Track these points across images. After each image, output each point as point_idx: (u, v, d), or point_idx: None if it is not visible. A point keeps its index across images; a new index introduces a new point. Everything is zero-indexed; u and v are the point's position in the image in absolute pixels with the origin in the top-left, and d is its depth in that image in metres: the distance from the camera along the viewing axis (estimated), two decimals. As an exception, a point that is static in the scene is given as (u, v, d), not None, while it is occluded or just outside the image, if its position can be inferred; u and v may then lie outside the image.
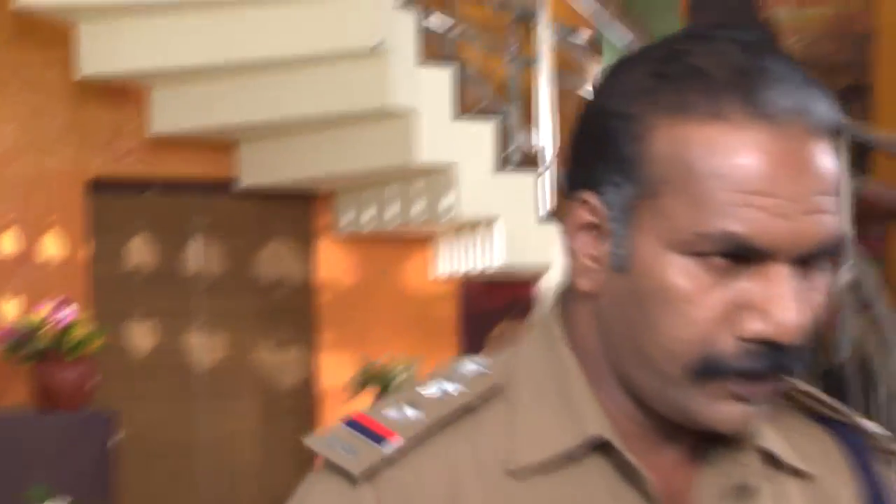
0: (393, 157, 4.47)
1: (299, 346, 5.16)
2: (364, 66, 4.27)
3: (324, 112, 4.42)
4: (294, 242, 5.16)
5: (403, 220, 4.75)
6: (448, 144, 4.43)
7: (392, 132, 4.43)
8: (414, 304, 5.23)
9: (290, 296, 5.15)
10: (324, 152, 4.65)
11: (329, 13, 4.21)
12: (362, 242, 5.16)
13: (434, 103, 4.41)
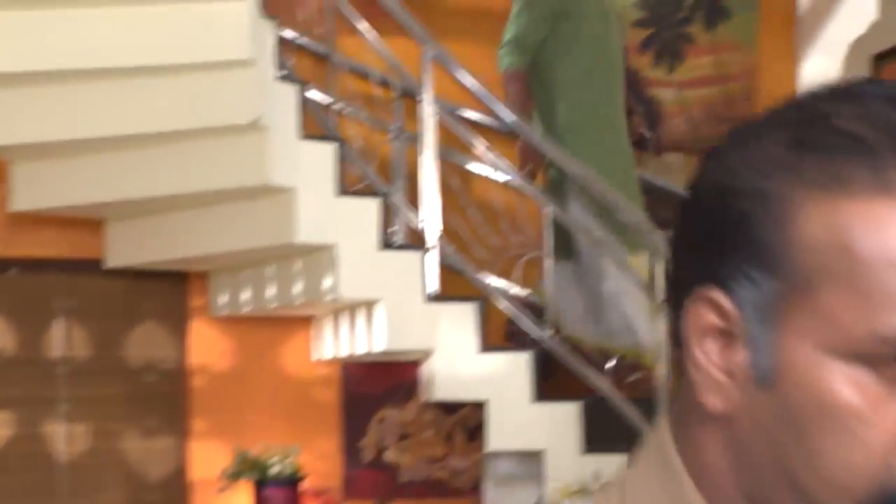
0: (272, 236, 4.36)
1: (170, 435, 4.94)
2: (242, 142, 4.15)
3: (200, 189, 4.26)
4: (165, 324, 4.97)
5: (282, 301, 4.64)
6: (329, 223, 4.35)
7: (271, 210, 4.32)
8: (293, 388, 5.08)
9: (161, 381, 4.94)
10: (199, 230, 4.49)
11: (206, 86, 4.06)
12: (239, 324, 5.00)
13: (315, 180, 4.33)
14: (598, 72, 4.67)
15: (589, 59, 4.65)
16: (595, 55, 4.66)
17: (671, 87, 5.77)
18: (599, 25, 4.67)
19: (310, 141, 4.38)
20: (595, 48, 4.66)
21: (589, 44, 4.65)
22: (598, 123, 4.69)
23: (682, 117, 5.77)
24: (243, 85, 4.06)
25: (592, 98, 4.67)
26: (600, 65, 4.67)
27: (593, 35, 4.64)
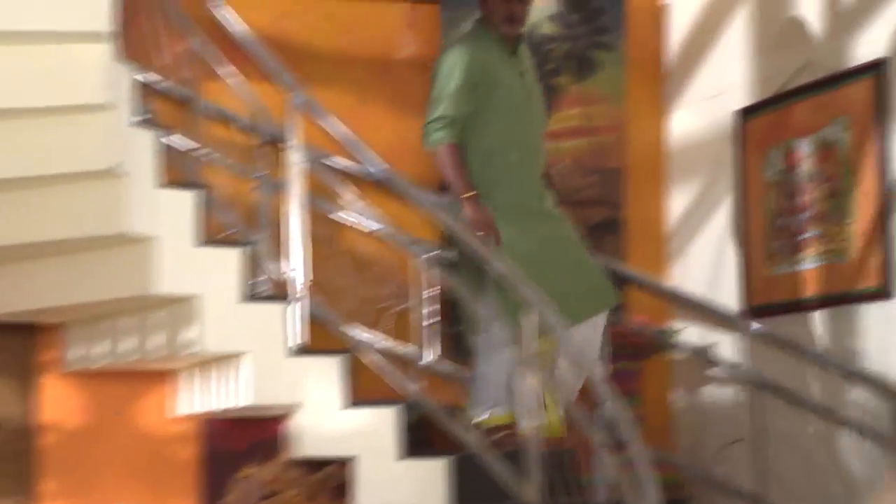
0: (130, 287, 4.25)
1: (17, 498, 4.72)
2: (99, 189, 4.02)
3: (53, 237, 4.12)
4: (12, 380, 4.77)
5: (140, 355, 4.51)
6: (191, 273, 4.25)
7: (129, 260, 4.21)
8: (150, 446, 4.92)
9: (7, 440, 4.73)
10: (52, 281, 4.34)
11: (61, 130, 3.92)
12: (93, 379, 4.84)
13: (176, 229, 4.23)
14: (524, 140, 4.57)
15: (513, 128, 4.55)
16: (519, 124, 4.56)
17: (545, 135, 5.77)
18: (520, 94, 4.57)
19: (170, 188, 4.27)
20: (518, 116, 4.57)
21: (512, 113, 4.56)
22: (527, 191, 4.58)
23: (553, 169, 5.78)
24: (100, 130, 3.93)
25: (519, 167, 4.56)
26: (525, 133, 4.58)
27: (515, 105, 4.55)
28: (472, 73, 4.48)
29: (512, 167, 4.53)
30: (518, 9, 4.56)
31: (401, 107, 5.65)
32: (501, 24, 4.54)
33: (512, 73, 4.57)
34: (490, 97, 4.51)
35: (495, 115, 4.52)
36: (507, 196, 4.52)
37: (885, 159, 4.81)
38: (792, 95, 5.28)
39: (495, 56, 4.54)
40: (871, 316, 4.87)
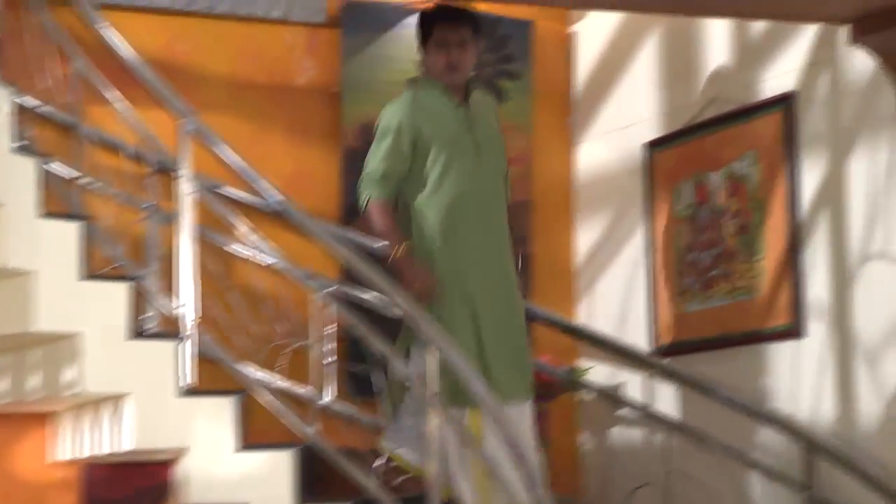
0: (6, 323, 4.15)
1: None
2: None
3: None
4: None
5: (17, 396, 4.39)
6: (73, 309, 4.16)
7: (6, 294, 4.13)
8: (26, 493, 4.78)
9: None
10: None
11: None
12: (-34, 422, 4.66)
13: (57, 262, 4.14)
14: (473, 193, 4.40)
15: (459, 182, 4.39)
16: (466, 177, 4.40)
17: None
18: (468, 146, 4.42)
19: (52, 219, 4.18)
20: (465, 170, 4.40)
21: (457, 167, 4.40)
22: (472, 259, 4.39)
23: (457, 201, 5.73)
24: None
25: (465, 233, 4.39)
26: (474, 186, 4.40)
27: (461, 158, 4.40)
28: (406, 129, 4.38)
29: (461, 221, 4.38)
30: (457, 56, 4.43)
31: (300, 135, 5.57)
32: (443, 74, 4.43)
33: (458, 124, 4.43)
34: (431, 152, 4.38)
35: (438, 169, 4.39)
36: (453, 253, 4.37)
37: (794, 194, 4.84)
38: (701, 128, 5.31)
39: (438, 108, 4.43)
40: (782, 355, 4.89)
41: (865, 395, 4.54)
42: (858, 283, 4.60)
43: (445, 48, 4.41)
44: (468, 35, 4.45)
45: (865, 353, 4.55)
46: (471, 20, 4.49)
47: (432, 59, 4.45)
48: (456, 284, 4.36)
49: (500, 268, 4.45)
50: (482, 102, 4.57)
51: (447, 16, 4.47)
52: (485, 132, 4.49)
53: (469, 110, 4.48)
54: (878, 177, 4.53)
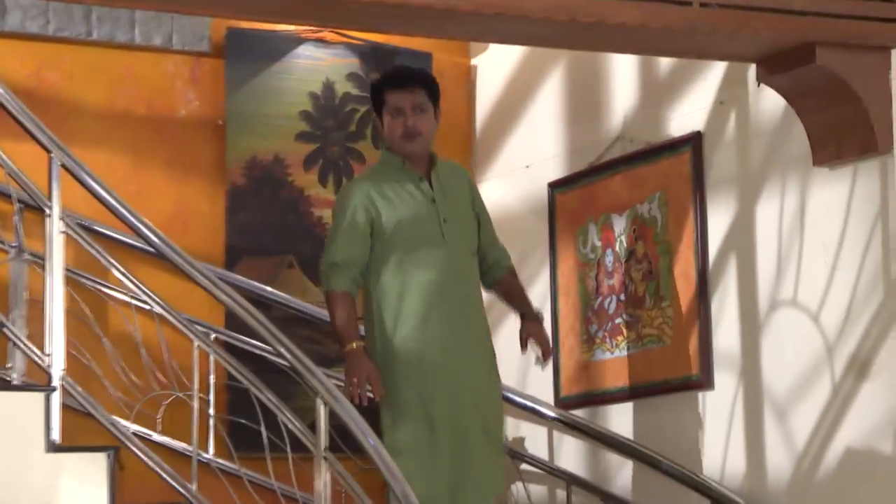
0: None
1: None
2: None
3: None
4: None
5: None
6: None
7: None
8: None
9: None
10: None
11: None
12: None
13: None
14: (431, 290, 4.27)
15: (420, 263, 4.28)
16: (429, 258, 4.28)
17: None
18: (429, 224, 4.30)
19: None
20: (427, 250, 4.29)
21: (418, 247, 4.29)
22: (433, 348, 4.26)
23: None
24: None
25: (426, 320, 4.27)
26: (434, 281, 4.27)
27: (422, 236, 4.29)
28: (361, 209, 4.27)
29: (421, 307, 4.25)
30: (414, 121, 4.30)
31: (182, 170, 5.50)
32: (402, 144, 4.31)
33: (417, 201, 4.31)
34: (386, 232, 4.28)
35: (395, 250, 4.28)
36: (411, 342, 4.25)
37: (702, 238, 4.89)
38: (606, 168, 5.35)
39: (396, 184, 4.32)
40: (690, 406, 4.91)
41: (774, 450, 4.58)
42: (767, 332, 4.65)
43: (401, 115, 4.30)
44: (423, 98, 4.33)
45: (774, 406, 4.59)
46: (424, 82, 4.38)
47: (388, 128, 4.34)
48: (413, 379, 4.23)
49: (466, 356, 4.30)
50: (450, 172, 4.45)
51: (398, 80, 4.36)
52: (451, 206, 4.36)
53: (436, 182, 4.37)
54: (787, 221, 4.59)
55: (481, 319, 4.41)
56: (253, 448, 4.70)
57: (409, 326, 4.26)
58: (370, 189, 4.32)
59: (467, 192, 4.47)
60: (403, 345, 4.26)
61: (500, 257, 4.59)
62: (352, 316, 4.28)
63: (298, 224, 5.63)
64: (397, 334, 4.27)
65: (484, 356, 4.38)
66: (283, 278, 5.53)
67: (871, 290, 4.28)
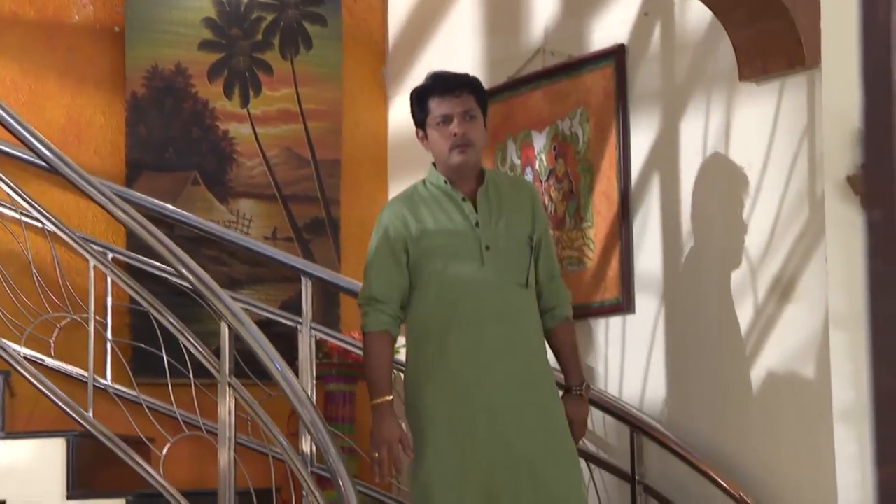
0: None
1: None
2: None
3: None
4: None
5: None
6: None
7: None
8: None
9: None
10: None
11: None
12: None
13: None
14: (462, 325, 3.91)
15: (455, 292, 3.93)
16: (465, 287, 3.93)
17: (246, 122, 5.65)
18: (467, 248, 3.96)
19: None
20: (463, 278, 3.93)
21: (453, 276, 3.94)
22: (464, 395, 3.89)
23: (258, 158, 5.66)
24: None
25: (457, 362, 3.90)
26: (477, 296, 3.92)
27: (457, 264, 3.94)
28: (396, 235, 3.98)
29: (450, 345, 3.90)
30: (465, 130, 3.97)
31: (77, 80, 5.39)
32: (451, 157, 3.97)
33: (457, 225, 3.97)
34: (421, 260, 3.97)
35: (426, 281, 3.96)
36: (439, 387, 3.90)
37: (625, 157, 4.91)
38: (526, 83, 5.33)
39: (434, 208, 4.00)
40: (611, 331, 4.96)
41: (695, 375, 4.65)
42: (690, 253, 4.69)
43: (449, 124, 3.98)
44: (472, 104, 4.02)
45: (697, 330, 4.65)
46: (473, 87, 4.07)
47: (435, 140, 4.01)
48: (437, 439, 3.88)
49: (506, 412, 3.87)
50: (508, 189, 4.09)
51: (445, 86, 4.04)
52: (500, 231, 3.99)
53: (484, 202, 4.02)
54: (711, 139, 4.62)
55: (532, 364, 3.96)
56: (153, 374, 4.68)
57: (428, 371, 3.94)
58: (405, 211, 4.02)
59: (527, 214, 4.06)
60: (430, 400, 3.93)
61: (556, 303, 4.11)
62: (383, 362, 3.94)
63: (203, 138, 5.57)
64: (419, 379, 3.96)
65: (534, 409, 3.92)
66: (187, 195, 5.47)
67: (797, 211, 4.34)
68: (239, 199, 5.58)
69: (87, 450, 4.33)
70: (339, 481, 3.76)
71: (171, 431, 4.35)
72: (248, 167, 5.62)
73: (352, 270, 5.60)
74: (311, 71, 5.76)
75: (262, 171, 5.63)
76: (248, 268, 5.50)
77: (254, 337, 3.99)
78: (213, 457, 4.06)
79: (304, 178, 5.71)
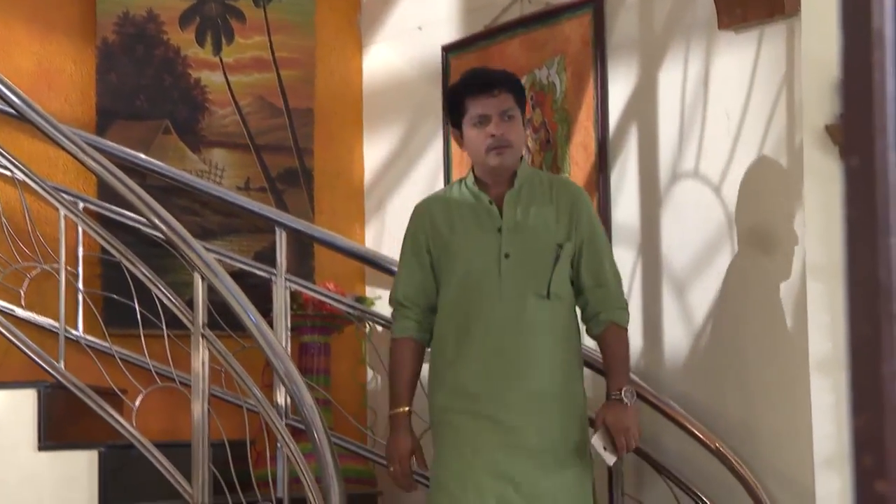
0: None
1: None
2: None
3: None
4: None
5: None
6: None
7: None
8: None
9: None
10: None
11: None
12: None
13: None
14: (475, 338, 3.79)
15: (459, 320, 3.83)
16: (480, 297, 3.81)
17: (218, 70, 5.63)
18: (487, 258, 3.82)
19: None
20: (479, 290, 3.81)
21: (471, 287, 3.83)
22: (471, 410, 3.79)
23: (230, 107, 5.64)
24: None
25: (466, 377, 3.80)
26: (480, 326, 3.79)
27: (475, 287, 3.82)
28: (422, 237, 3.90)
29: (461, 359, 3.80)
30: (504, 130, 3.82)
31: (44, 25, 5.35)
32: (488, 158, 3.84)
33: (483, 229, 3.86)
34: (445, 266, 3.87)
35: (454, 289, 3.85)
36: (449, 398, 3.82)
37: (602, 106, 4.92)
38: (503, 31, 5.33)
39: (464, 211, 3.89)
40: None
41: (671, 325, 4.68)
42: (667, 204, 4.71)
43: (486, 124, 3.84)
44: (511, 103, 3.86)
45: (672, 281, 4.68)
46: (511, 85, 3.92)
47: (470, 141, 3.87)
48: (444, 458, 3.81)
49: (515, 422, 3.75)
50: (547, 191, 3.92)
51: (481, 84, 3.89)
52: (525, 238, 3.84)
53: (512, 207, 3.87)
54: (690, 89, 4.63)
55: (548, 381, 3.81)
56: (126, 325, 4.70)
57: (440, 382, 3.88)
58: (435, 212, 3.93)
59: (564, 219, 3.89)
60: (439, 407, 3.87)
61: (601, 308, 3.92)
62: (404, 370, 3.88)
63: (174, 86, 5.55)
64: (437, 387, 3.89)
65: (543, 431, 3.78)
66: (159, 144, 5.46)
67: (775, 160, 4.36)
68: (211, 148, 5.56)
69: (59, 401, 4.33)
70: (314, 433, 3.78)
71: (144, 383, 4.36)
72: (220, 116, 5.60)
73: (326, 221, 5.61)
74: (285, 18, 5.74)
75: (235, 120, 5.62)
76: (221, 218, 5.49)
77: (227, 288, 4.00)
78: (186, 408, 4.07)
79: (277, 128, 5.69)
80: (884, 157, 1.11)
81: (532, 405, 3.77)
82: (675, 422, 4.43)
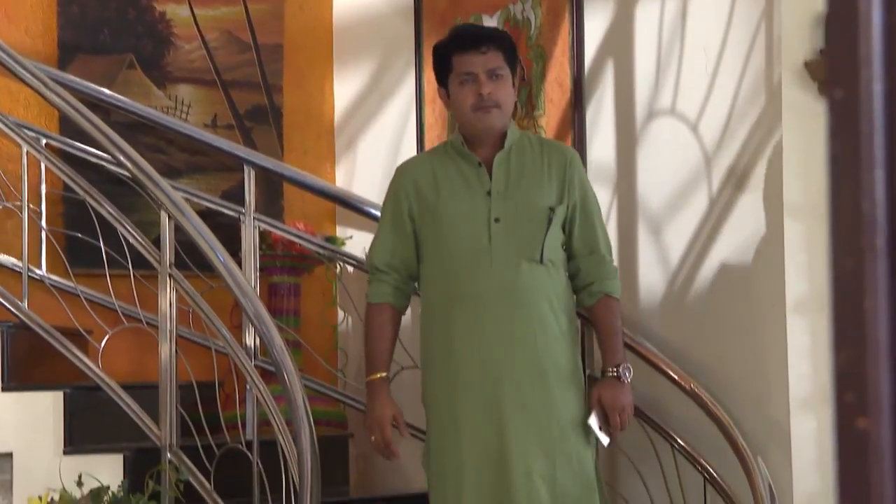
0: None
1: None
2: None
3: None
4: None
5: None
6: None
7: None
8: None
9: None
10: None
11: None
12: None
13: None
14: (462, 305, 3.71)
15: (445, 287, 3.76)
16: (469, 261, 3.72)
17: (184, 3, 5.58)
18: (475, 221, 3.73)
19: None
20: (468, 253, 3.72)
21: (457, 250, 3.74)
22: (462, 381, 3.71)
23: (196, 42, 5.59)
24: None
25: (457, 343, 3.72)
26: (468, 293, 3.70)
27: (463, 237, 3.73)
28: (402, 202, 3.81)
29: (448, 325, 3.74)
30: (491, 89, 3.73)
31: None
32: (474, 118, 3.75)
33: (472, 192, 3.76)
34: (430, 230, 3.78)
35: (440, 253, 3.77)
36: (438, 366, 3.77)
37: (578, 43, 4.90)
38: (477, -36, 5.29)
39: (451, 173, 3.79)
40: (561, 221, 4.98)
41: (647, 267, 4.68)
42: (644, 142, 4.71)
43: (472, 82, 3.74)
44: (499, 62, 3.76)
45: (649, 221, 4.68)
46: (500, 42, 3.83)
47: (456, 99, 3.78)
48: (441, 408, 3.76)
49: (509, 394, 3.67)
50: (538, 154, 3.84)
51: (468, 40, 3.80)
52: (516, 202, 3.75)
53: (502, 169, 3.78)
54: (667, 23, 4.61)
55: (543, 350, 3.72)
56: (90, 264, 4.68)
57: (428, 351, 3.84)
58: (418, 174, 3.83)
59: (555, 182, 3.82)
60: (431, 380, 3.81)
61: (594, 278, 3.86)
62: (379, 336, 3.81)
63: (139, 19, 5.49)
64: (429, 360, 3.83)
65: (541, 406, 3.71)
66: (123, 80, 5.41)
67: (753, 98, 4.35)
68: (177, 84, 5.52)
69: (23, 341, 4.32)
70: (284, 374, 3.78)
71: (110, 323, 4.35)
72: (186, 51, 5.55)
73: (295, 159, 5.58)
74: (253, -50, 5.68)
75: (202, 55, 5.57)
76: (187, 156, 5.46)
77: (195, 227, 3.98)
78: (153, 350, 4.07)
79: (245, 63, 5.65)
80: (868, 88, 1.10)
81: (530, 376, 3.70)
82: (649, 363, 4.44)
